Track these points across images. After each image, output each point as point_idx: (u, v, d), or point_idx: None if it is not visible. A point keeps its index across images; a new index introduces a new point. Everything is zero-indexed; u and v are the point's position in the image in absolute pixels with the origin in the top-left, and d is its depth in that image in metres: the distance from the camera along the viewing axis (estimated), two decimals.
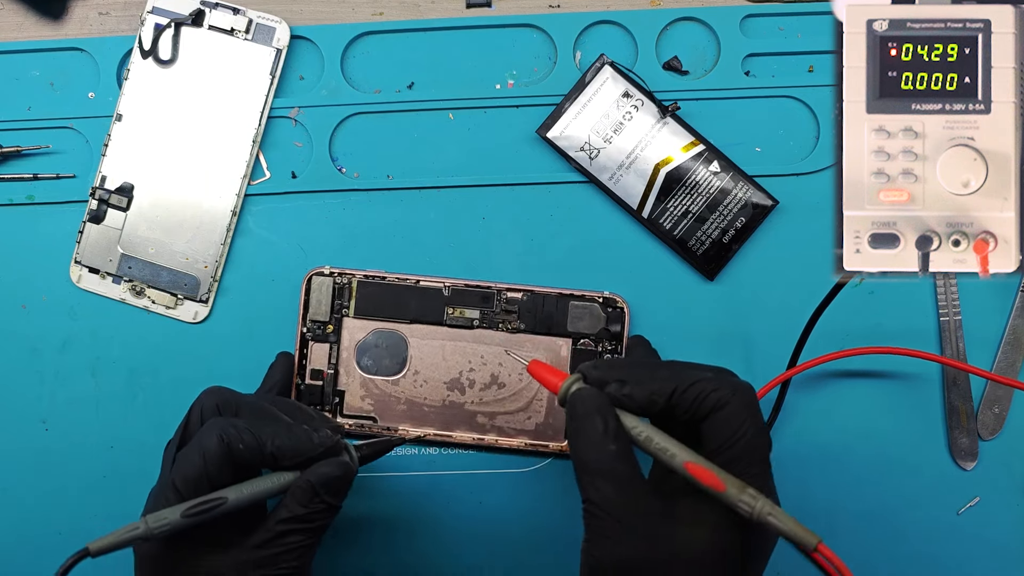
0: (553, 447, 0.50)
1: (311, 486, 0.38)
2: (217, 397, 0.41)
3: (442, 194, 0.51)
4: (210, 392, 0.41)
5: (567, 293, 0.50)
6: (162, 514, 0.36)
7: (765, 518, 0.34)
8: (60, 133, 0.51)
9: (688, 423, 0.37)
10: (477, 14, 0.52)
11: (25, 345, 0.51)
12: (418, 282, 0.50)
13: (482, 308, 0.50)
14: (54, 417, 0.51)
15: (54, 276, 0.51)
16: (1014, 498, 0.51)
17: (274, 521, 0.38)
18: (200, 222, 0.51)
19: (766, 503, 0.34)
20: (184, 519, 0.36)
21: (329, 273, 0.50)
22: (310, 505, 0.38)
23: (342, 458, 0.40)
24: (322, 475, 0.39)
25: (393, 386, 0.50)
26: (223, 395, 0.41)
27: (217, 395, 0.41)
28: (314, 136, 0.51)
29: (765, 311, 0.51)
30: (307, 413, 0.44)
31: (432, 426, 0.50)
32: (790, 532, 0.34)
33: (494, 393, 0.50)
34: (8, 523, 0.51)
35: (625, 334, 0.49)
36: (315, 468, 0.39)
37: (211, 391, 0.41)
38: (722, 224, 0.50)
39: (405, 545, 0.50)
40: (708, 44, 0.52)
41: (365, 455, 0.43)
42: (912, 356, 0.49)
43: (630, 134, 0.50)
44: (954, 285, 0.50)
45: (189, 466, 0.37)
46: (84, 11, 0.52)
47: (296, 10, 0.52)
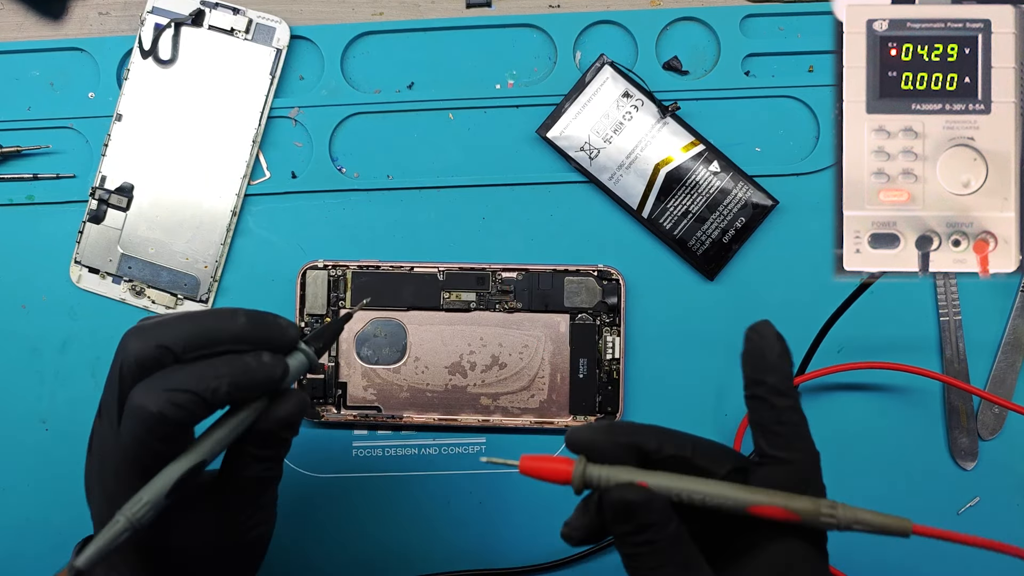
0: (559, 423, 0.50)
1: (271, 432, 0.35)
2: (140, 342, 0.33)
3: (442, 194, 0.51)
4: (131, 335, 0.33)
5: (561, 269, 0.50)
6: (136, 499, 0.32)
7: (852, 525, 0.32)
8: (60, 133, 0.51)
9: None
10: (477, 14, 0.52)
11: (25, 345, 0.51)
12: (412, 269, 0.50)
13: (478, 290, 0.50)
14: (54, 417, 0.51)
15: (54, 276, 0.51)
16: (1014, 498, 0.51)
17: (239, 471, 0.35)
18: (200, 222, 0.51)
19: (847, 509, 0.32)
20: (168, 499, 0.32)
21: (323, 266, 0.50)
22: (273, 447, 0.35)
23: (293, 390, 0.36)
24: (280, 419, 0.35)
25: (395, 374, 0.50)
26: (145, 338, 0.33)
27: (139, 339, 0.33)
28: (314, 136, 0.51)
29: (765, 311, 0.51)
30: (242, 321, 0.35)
31: (436, 411, 0.50)
32: (882, 526, 0.32)
33: (496, 374, 0.50)
34: (8, 523, 0.51)
35: (622, 306, 0.49)
36: (272, 413, 0.34)
37: (131, 332, 0.33)
38: (722, 224, 0.50)
39: (405, 545, 0.50)
40: (708, 44, 0.52)
41: (319, 349, 0.37)
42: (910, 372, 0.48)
43: (630, 134, 0.50)
44: (954, 285, 0.50)
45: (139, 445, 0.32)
46: (84, 11, 0.52)
47: (296, 10, 0.52)
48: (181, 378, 0.32)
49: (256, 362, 0.33)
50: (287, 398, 0.35)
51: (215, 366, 0.33)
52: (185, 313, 0.34)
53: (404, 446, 0.51)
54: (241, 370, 0.33)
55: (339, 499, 0.51)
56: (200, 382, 0.32)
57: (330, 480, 0.51)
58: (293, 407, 0.35)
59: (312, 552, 0.51)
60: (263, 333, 0.34)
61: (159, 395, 0.32)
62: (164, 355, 0.33)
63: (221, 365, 0.33)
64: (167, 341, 0.33)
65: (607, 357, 0.50)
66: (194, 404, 0.32)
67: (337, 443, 0.51)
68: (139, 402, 0.32)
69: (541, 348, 0.50)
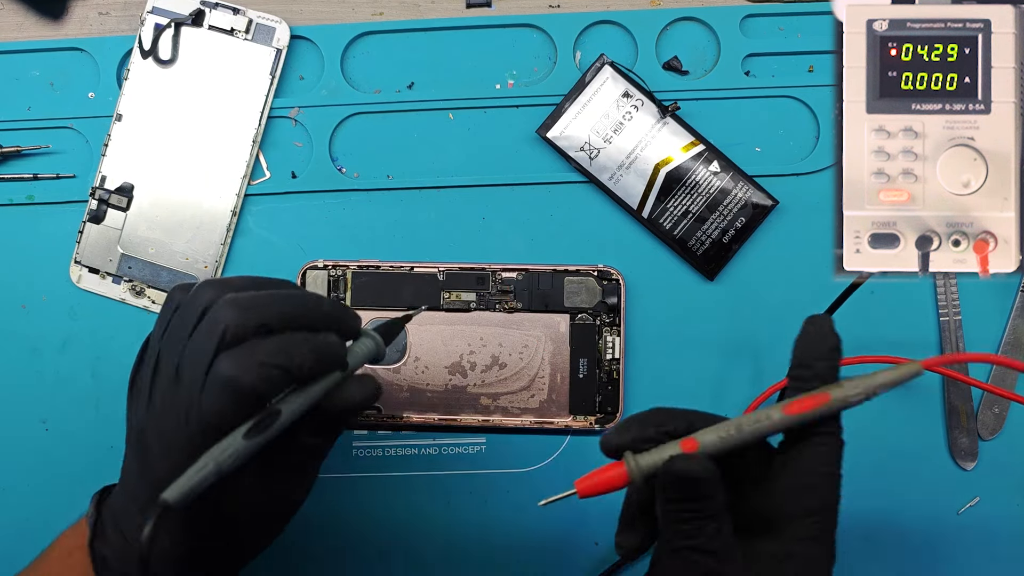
0: (558, 423, 0.50)
1: (342, 411, 0.36)
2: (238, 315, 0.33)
3: (442, 194, 0.51)
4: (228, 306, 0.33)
5: (562, 269, 0.50)
6: (223, 445, 0.32)
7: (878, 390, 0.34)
8: (60, 133, 0.51)
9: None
10: (477, 14, 0.52)
11: (25, 345, 0.51)
12: (412, 269, 0.50)
13: (478, 290, 0.50)
14: (54, 417, 0.51)
15: (54, 276, 0.51)
16: (1014, 498, 0.51)
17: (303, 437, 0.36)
18: (200, 222, 0.51)
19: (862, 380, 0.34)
20: (247, 441, 0.33)
21: (323, 266, 0.50)
22: (336, 424, 0.38)
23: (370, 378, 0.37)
24: (355, 401, 0.36)
25: (395, 374, 0.50)
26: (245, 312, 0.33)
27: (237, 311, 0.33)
28: (314, 136, 0.51)
29: (765, 311, 0.51)
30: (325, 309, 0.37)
31: (436, 411, 0.50)
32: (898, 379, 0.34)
33: (496, 374, 0.50)
34: (8, 523, 0.51)
35: (622, 306, 0.49)
36: (348, 393, 0.36)
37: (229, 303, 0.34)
38: (722, 224, 0.50)
39: (405, 545, 0.50)
40: (708, 44, 0.52)
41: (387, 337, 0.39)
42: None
43: (630, 134, 0.50)
44: (954, 285, 0.50)
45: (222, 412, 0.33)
46: (84, 11, 0.52)
47: (296, 10, 0.52)
48: (271, 351, 0.33)
49: (332, 341, 0.35)
50: (362, 383, 0.37)
51: (299, 343, 0.34)
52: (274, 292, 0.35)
53: (404, 446, 0.51)
54: (323, 348, 0.34)
55: (339, 499, 0.51)
56: (290, 358, 0.33)
57: (330, 480, 0.51)
58: (367, 392, 0.37)
59: (312, 552, 0.51)
60: (340, 319, 0.36)
61: (251, 367, 0.32)
62: (260, 331, 0.33)
63: (304, 342, 0.34)
64: (268, 319, 0.34)
65: (607, 357, 0.50)
66: (282, 378, 0.33)
67: (337, 443, 0.51)
68: (230, 372, 0.32)
69: (541, 348, 0.50)
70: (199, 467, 0.32)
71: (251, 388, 0.32)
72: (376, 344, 0.38)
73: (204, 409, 0.33)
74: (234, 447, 0.33)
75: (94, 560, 0.38)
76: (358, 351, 0.37)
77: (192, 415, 0.33)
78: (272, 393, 0.34)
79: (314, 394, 0.35)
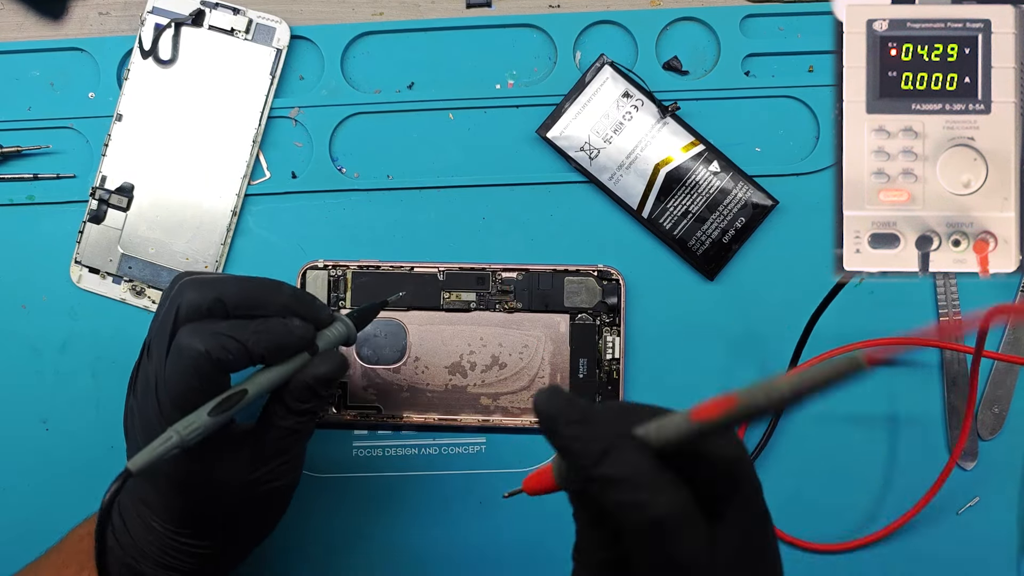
0: None
1: (308, 386, 0.38)
2: (199, 294, 0.36)
3: (442, 194, 0.51)
4: (188, 285, 0.37)
5: (562, 269, 0.50)
6: (188, 420, 0.35)
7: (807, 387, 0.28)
8: (60, 133, 0.51)
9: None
10: (477, 14, 0.52)
11: (25, 345, 0.51)
12: (412, 269, 0.50)
13: (478, 290, 0.50)
14: (54, 417, 0.51)
15: (54, 276, 0.51)
16: (1014, 498, 0.51)
17: (277, 419, 0.39)
18: (200, 222, 0.51)
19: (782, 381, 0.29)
20: (211, 418, 0.35)
21: (324, 266, 0.50)
22: (309, 400, 0.39)
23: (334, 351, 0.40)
24: (320, 375, 0.38)
25: (395, 374, 0.50)
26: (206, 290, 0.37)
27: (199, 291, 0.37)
28: (314, 136, 0.51)
29: (765, 311, 0.51)
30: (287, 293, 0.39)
31: (436, 411, 0.50)
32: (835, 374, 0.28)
33: (496, 374, 0.50)
34: (8, 523, 0.51)
35: (622, 306, 0.49)
36: (312, 368, 0.38)
37: (188, 283, 0.37)
38: (722, 224, 0.50)
39: (405, 545, 0.50)
40: (708, 44, 0.52)
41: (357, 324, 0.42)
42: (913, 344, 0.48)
43: (630, 134, 0.50)
44: (954, 285, 0.50)
45: (182, 383, 0.36)
46: (84, 11, 0.52)
47: (296, 10, 0.52)
48: (228, 326, 0.36)
49: (291, 325, 0.38)
50: (327, 357, 0.39)
51: (258, 323, 0.37)
52: (237, 276, 0.39)
53: (404, 446, 0.51)
54: (279, 330, 0.37)
55: (339, 499, 0.51)
56: (244, 333, 0.36)
57: (330, 480, 0.51)
58: (331, 365, 0.39)
59: (312, 552, 0.51)
60: (301, 307, 0.39)
61: (206, 336, 0.35)
62: (216, 307, 0.36)
63: (262, 323, 0.37)
64: (223, 295, 0.37)
65: (607, 357, 0.50)
66: (237, 350, 0.36)
67: (337, 443, 0.51)
68: (186, 341, 0.35)
69: (541, 348, 0.50)
70: (163, 439, 0.35)
71: (206, 355, 0.35)
72: (347, 328, 0.40)
73: (168, 380, 0.36)
74: (199, 422, 0.35)
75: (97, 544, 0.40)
76: (328, 335, 0.40)
77: (160, 388, 0.36)
78: (230, 365, 0.36)
79: (280, 373, 0.38)
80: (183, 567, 0.40)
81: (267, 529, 0.43)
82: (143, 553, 0.40)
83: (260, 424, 0.39)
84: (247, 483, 0.39)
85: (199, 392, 0.36)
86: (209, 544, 0.40)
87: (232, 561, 0.43)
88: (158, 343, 0.37)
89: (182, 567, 0.40)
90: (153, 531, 0.40)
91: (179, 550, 0.40)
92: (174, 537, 0.40)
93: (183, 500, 0.39)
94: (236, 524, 0.41)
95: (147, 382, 0.37)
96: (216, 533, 0.40)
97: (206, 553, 0.40)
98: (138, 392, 0.38)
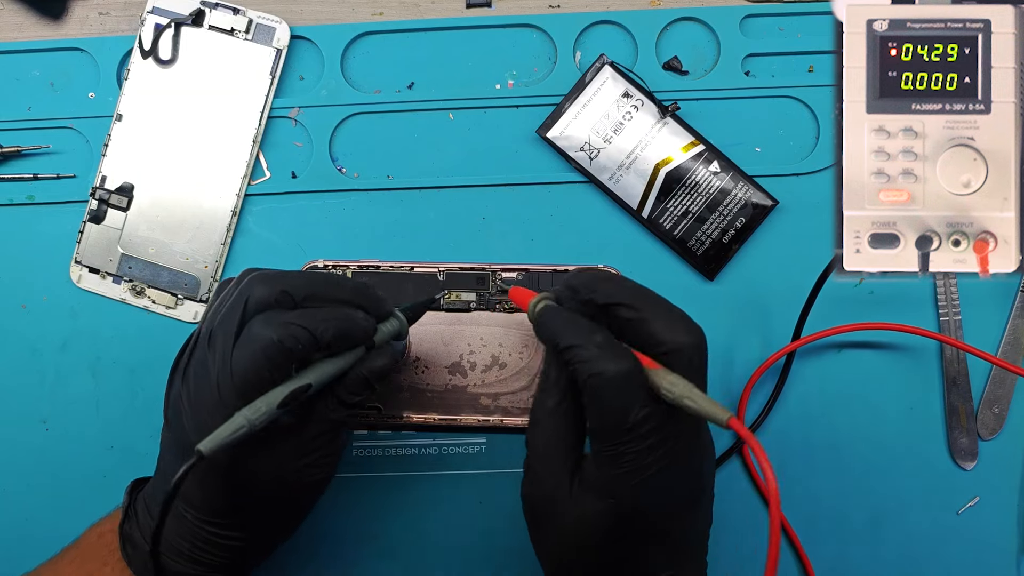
0: None
1: (364, 379, 0.40)
2: (268, 286, 0.38)
3: (442, 194, 0.51)
4: (257, 280, 0.38)
5: (562, 269, 0.50)
6: (255, 406, 0.35)
7: (682, 401, 0.34)
8: (60, 133, 0.51)
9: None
10: (477, 14, 0.52)
11: (25, 345, 0.51)
12: (412, 269, 0.50)
13: (478, 290, 0.50)
14: (54, 417, 0.51)
15: (54, 276, 0.51)
16: (1014, 498, 0.51)
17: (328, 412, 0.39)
18: (200, 222, 0.51)
19: (686, 387, 0.34)
20: (280, 409, 0.36)
21: (324, 266, 0.50)
22: (362, 393, 0.40)
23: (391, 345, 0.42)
24: (376, 368, 0.40)
25: (395, 374, 0.50)
26: (275, 283, 0.38)
27: (268, 284, 0.38)
28: (314, 136, 0.51)
29: (765, 311, 0.51)
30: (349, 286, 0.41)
31: (436, 411, 0.50)
32: (704, 411, 0.34)
33: (496, 374, 0.50)
34: (8, 523, 0.51)
35: None
36: (369, 361, 0.40)
37: (257, 278, 0.38)
38: (722, 224, 0.50)
39: (405, 545, 0.50)
40: (708, 44, 0.52)
41: (411, 319, 0.44)
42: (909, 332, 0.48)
43: (630, 134, 0.50)
44: (954, 285, 0.50)
45: (251, 368, 0.36)
46: (84, 11, 0.52)
47: (296, 10, 0.52)
48: (297, 316, 0.37)
49: (356, 317, 0.39)
50: (383, 351, 0.40)
51: (324, 313, 0.38)
52: (300, 271, 0.42)
53: (404, 446, 0.51)
54: (345, 320, 0.38)
55: (339, 499, 0.51)
56: (313, 322, 0.37)
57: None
58: (388, 359, 0.40)
59: (312, 551, 0.51)
60: (363, 300, 0.40)
61: (278, 326, 0.36)
62: (284, 298, 0.38)
63: (329, 313, 0.38)
64: (289, 288, 0.38)
65: None
66: (306, 339, 0.37)
67: None
68: (259, 331, 0.36)
69: (541, 348, 0.50)
70: (233, 424, 0.35)
71: (279, 343, 0.36)
72: (401, 323, 0.42)
73: (236, 368, 0.36)
74: (265, 408, 0.35)
75: (122, 539, 0.41)
76: (383, 329, 0.41)
77: (223, 377, 0.36)
78: (299, 352, 0.37)
79: (338, 366, 0.39)
80: (211, 561, 0.40)
81: (296, 523, 0.43)
82: (170, 545, 0.40)
83: (304, 417, 0.39)
84: (289, 474, 0.39)
85: (267, 381, 0.36)
86: (239, 536, 0.40)
87: (257, 556, 0.43)
88: (224, 333, 0.37)
89: (210, 561, 0.40)
90: (184, 522, 0.40)
91: (208, 542, 0.40)
92: (206, 527, 0.39)
93: (225, 490, 0.39)
94: (270, 516, 0.41)
95: (206, 370, 0.37)
96: (249, 525, 0.40)
97: (236, 546, 0.40)
98: (191, 380, 0.38)
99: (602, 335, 0.36)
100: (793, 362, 0.50)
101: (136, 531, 0.41)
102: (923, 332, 0.48)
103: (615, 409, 0.35)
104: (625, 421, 0.35)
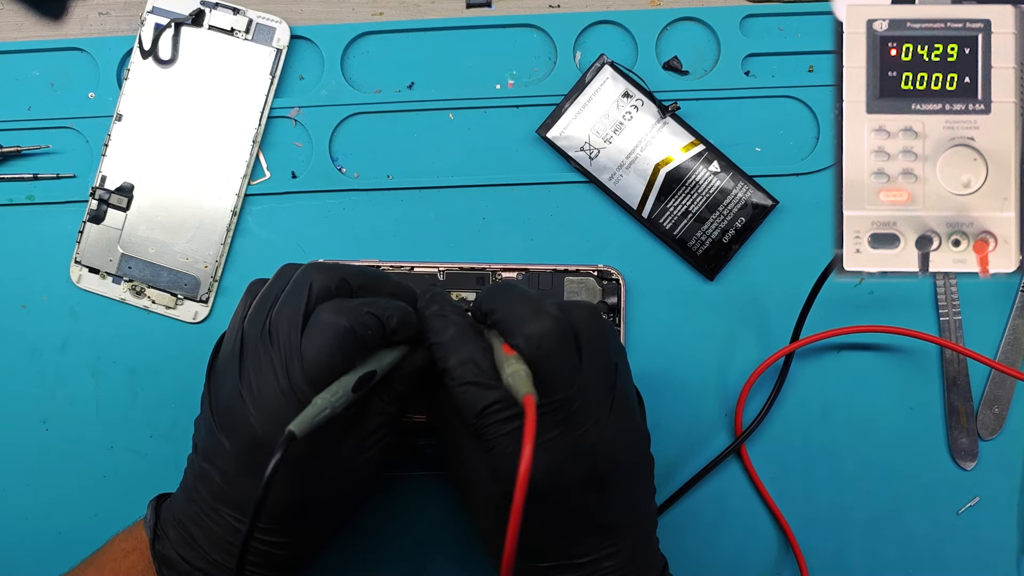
0: None
1: (419, 371, 0.40)
2: (328, 276, 0.38)
3: (442, 194, 0.51)
4: (317, 268, 0.39)
5: (562, 269, 0.50)
6: (332, 390, 0.35)
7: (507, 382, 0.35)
8: (60, 133, 0.51)
9: None
10: (477, 14, 0.52)
11: (25, 345, 0.51)
12: (412, 268, 0.50)
13: (478, 290, 0.50)
14: (54, 417, 0.51)
15: (54, 276, 0.51)
16: (1014, 498, 0.51)
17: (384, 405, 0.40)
18: (200, 222, 0.51)
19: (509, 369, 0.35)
20: (355, 393, 0.36)
21: None
22: (414, 386, 0.40)
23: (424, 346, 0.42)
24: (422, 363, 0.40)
25: None
26: (333, 272, 0.39)
27: (327, 273, 0.39)
28: (314, 136, 0.51)
29: (765, 311, 0.51)
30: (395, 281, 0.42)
31: None
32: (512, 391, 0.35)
33: None
34: (8, 523, 0.51)
35: (622, 306, 0.49)
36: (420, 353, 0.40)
37: (315, 267, 0.39)
38: (722, 224, 0.50)
39: (406, 545, 0.50)
40: (708, 44, 0.52)
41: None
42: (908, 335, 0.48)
43: (630, 134, 0.50)
44: (954, 285, 0.50)
45: (324, 355, 0.36)
46: (84, 11, 0.52)
47: (296, 10, 0.52)
48: (361, 302, 0.38)
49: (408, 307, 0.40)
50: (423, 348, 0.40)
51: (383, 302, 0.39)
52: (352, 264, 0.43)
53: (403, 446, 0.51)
54: (402, 309, 0.39)
55: None
56: (380, 309, 0.38)
57: None
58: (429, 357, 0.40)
59: None
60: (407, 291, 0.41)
61: (349, 313, 0.37)
62: (343, 287, 0.39)
63: (388, 302, 0.39)
64: (348, 277, 0.39)
65: None
66: (376, 326, 0.37)
67: None
68: (330, 318, 0.37)
69: None
70: (316, 407, 0.35)
71: (351, 330, 0.36)
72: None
73: (307, 356, 0.36)
74: (342, 392, 0.35)
75: (156, 561, 0.39)
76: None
77: (292, 367, 0.36)
78: (369, 338, 0.37)
79: (395, 357, 0.39)
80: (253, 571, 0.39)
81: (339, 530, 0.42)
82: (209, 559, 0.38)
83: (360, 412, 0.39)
84: (351, 471, 0.39)
85: (337, 368, 0.36)
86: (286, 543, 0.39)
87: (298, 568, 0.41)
88: (289, 322, 0.37)
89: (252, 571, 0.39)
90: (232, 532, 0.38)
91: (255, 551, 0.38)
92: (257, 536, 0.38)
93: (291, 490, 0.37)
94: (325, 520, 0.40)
95: (270, 363, 0.37)
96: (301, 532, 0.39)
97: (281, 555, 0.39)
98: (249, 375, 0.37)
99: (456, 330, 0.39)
100: (792, 362, 0.50)
101: (173, 551, 0.39)
102: (921, 335, 0.48)
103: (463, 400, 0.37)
104: (474, 408, 0.37)
